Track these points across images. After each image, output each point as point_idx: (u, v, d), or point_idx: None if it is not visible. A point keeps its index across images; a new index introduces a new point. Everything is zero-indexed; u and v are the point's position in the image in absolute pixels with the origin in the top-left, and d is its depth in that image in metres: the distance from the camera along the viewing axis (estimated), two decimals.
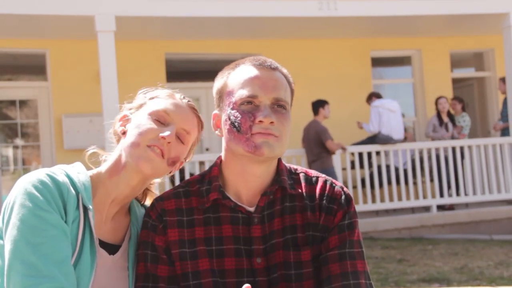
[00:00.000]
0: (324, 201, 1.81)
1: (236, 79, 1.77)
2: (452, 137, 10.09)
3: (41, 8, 7.93)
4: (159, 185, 2.06)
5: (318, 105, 8.98)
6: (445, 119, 10.16)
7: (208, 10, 8.61)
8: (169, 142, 1.78)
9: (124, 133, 1.84)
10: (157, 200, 1.83)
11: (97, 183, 1.81)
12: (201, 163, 9.29)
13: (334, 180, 1.87)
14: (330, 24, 9.79)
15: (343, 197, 1.82)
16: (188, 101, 1.92)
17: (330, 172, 8.58)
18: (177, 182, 8.57)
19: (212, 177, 1.81)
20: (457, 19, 10.03)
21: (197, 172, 8.57)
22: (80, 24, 8.51)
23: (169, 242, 1.76)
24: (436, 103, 10.23)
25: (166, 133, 1.77)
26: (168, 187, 8.58)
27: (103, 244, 1.78)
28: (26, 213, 1.61)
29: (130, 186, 1.82)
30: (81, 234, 1.70)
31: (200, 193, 1.80)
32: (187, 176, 8.70)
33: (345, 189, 1.86)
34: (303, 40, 10.82)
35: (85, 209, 1.73)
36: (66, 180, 1.73)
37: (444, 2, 9.43)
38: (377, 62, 11.71)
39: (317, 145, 8.74)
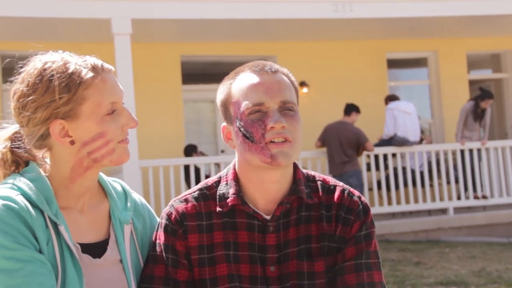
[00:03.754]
0: (341, 212, 1.79)
1: (239, 88, 1.74)
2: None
3: (58, 11, 7.98)
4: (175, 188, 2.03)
5: (352, 108, 8.95)
6: (480, 113, 9.91)
7: (223, 13, 8.62)
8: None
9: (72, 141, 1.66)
10: (176, 203, 1.81)
11: (57, 186, 1.68)
12: (217, 165, 9.30)
13: (351, 189, 1.85)
14: (346, 26, 9.77)
15: (360, 207, 1.80)
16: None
17: (359, 173, 8.64)
18: (192, 183, 8.58)
19: (230, 180, 1.79)
20: (474, 20, 9.96)
21: (213, 174, 8.57)
22: (97, 27, 8.56)
23: (189, 247, 1.75)
24: (481, 99, 9.82)
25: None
26: (183, 189, 8.60)
27: (86, 248, 1.68)
28: None
29: (97, 178, 1.77)
30: (59, 253, 1.59)
31: (218, 197, 1.79)
32: (202, 177, 8.71)
33: (362, 198, 1.83)
34: (318, 42, 10.79)
35: (55, 223, 1.61)
36: (24, 201, 1.57)
37: (460, 3, 9.37)
38: (393, 63, 11.65)
39: (352, 147, 8.70)
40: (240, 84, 1.75)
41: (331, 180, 1.86)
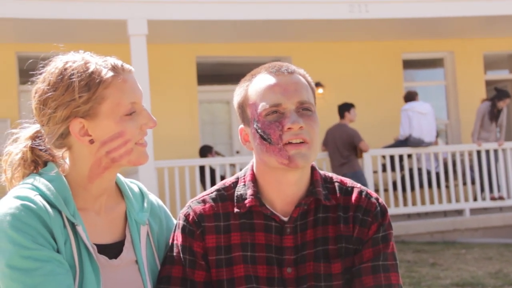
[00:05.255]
0: (359, 213, 1.78)
1: (256, 90, 1.74)
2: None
3: (74, 13, 8.04)
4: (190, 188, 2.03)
5: (343, 109, 8.96)
6: (496, 113, 9.83)
7: (239, 14, 8.63)
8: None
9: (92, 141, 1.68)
10: (193, 204, 1.81)
11: (75, 186, 1.70)
12: (232, 166, 9.31)
13: (369, 191, 1.84)
14: (361, 26, 9.74)
15: (378, 209, 1.79)
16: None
17: (359, 174, 8.55)
18: (207, 184, 8.60)
19: (248, 181, 1.79)
20: (491, 20, 9.90)
21: (228, 174, 8.60)
22: (113, 28, 8.60)
23: (207, 248, 1.75)
24: (498, 99, 9.75)
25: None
26: (198, 190, 8.62)
27: (102, 249, 1.70)
28: (13, 258, 1.51)
29: (114, 178, 1.78)
30: (77, 253, 1.61)
31: (236, 197, 1.79)
32: (217, 178, 8.73)
33: (380, 200, 1.83)
34: (334, 42, 10.78)
35: (73, 223, 1.63)
36: (43, 201, 1.59)
37: (477, 3, 9.31)
38: (409, 64, 11.60)
39: (347, 148, 8.70)
40: (256, 85, 1.75)
41: (349, 182, 1.85)
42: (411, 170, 9.65)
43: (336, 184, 1.84)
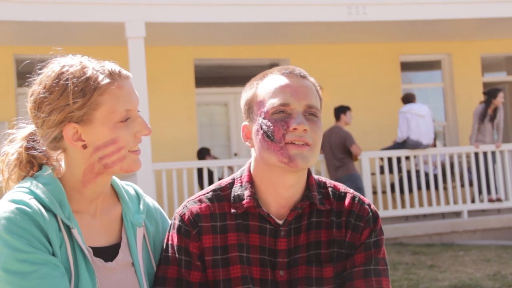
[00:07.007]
0: (351, 218, 1.81)
1: (266, 88, 1.76)
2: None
3: (72, 15, 8.03)
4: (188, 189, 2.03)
5: (339, 111, 8.95)
6: (491, 113, 9.82)
7: (237, 16, 8.63)
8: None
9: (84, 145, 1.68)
10: (190, 204, 1.81)
11: (70, 189, 1.70)
12: (230, 168, 9.30)
13: (362, 197, 1.87)
14: (359, 28, 9.75)
15: (370, 214, 1.82)
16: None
17: (355, 177, 8.56)
18: (205, 186, 8.59)
19: (246, 182, 1.80)
20: (488, 22, 9.91)
21: (226, 177, 8.59)
22: (110, 30, 8.60)
23: (203, 248, 1.75)
24: (493, 94, 9.71)
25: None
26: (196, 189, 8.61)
27: (98, 252, 1.70)
28: (8, 261, 1.51)
29: (108, 184, 1.78)
30: (72, 256, 1.62)
31: (233, 198, 1.80)
32: (215, 181, 8.71)
33: (372, 206, 1.86)
34: (332, 45, 10.78)
35: (68, 226, 1.63)
36: (38, 205, 1.59)
37: (474, 6, 9.32)
38: (407, 66, 11.61)
39: (341, 151, 8.69)
40: (267, 84, 1.77)
41: (342, 187, 1.88)
42: (409, 172, 9.66)
43: (330, 189, 1.86)
